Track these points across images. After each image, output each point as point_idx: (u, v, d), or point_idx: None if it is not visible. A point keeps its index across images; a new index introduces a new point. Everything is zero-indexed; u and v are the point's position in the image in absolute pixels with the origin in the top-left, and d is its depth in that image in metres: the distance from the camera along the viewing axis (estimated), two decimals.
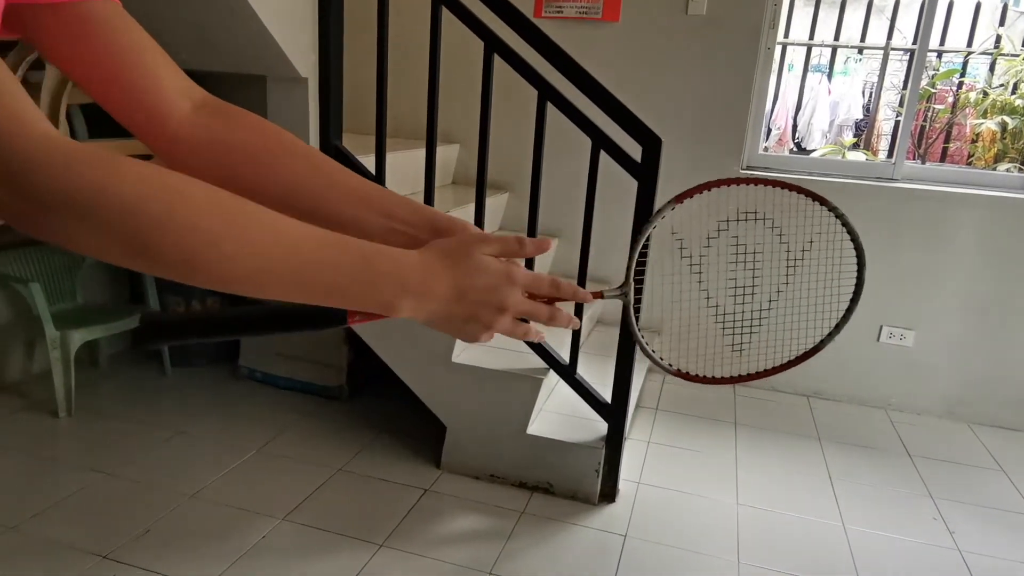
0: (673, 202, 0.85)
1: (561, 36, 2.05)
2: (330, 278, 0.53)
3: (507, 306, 0.60)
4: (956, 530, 2.09)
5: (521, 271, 0.61)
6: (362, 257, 0.54)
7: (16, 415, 2.40)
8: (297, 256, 0.52)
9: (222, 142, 0.68)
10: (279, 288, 0.52)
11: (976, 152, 4.43)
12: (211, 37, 2.01)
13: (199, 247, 0.48)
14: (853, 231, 0.84)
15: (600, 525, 2.00)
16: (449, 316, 0.59)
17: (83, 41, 0.60)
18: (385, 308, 0.56)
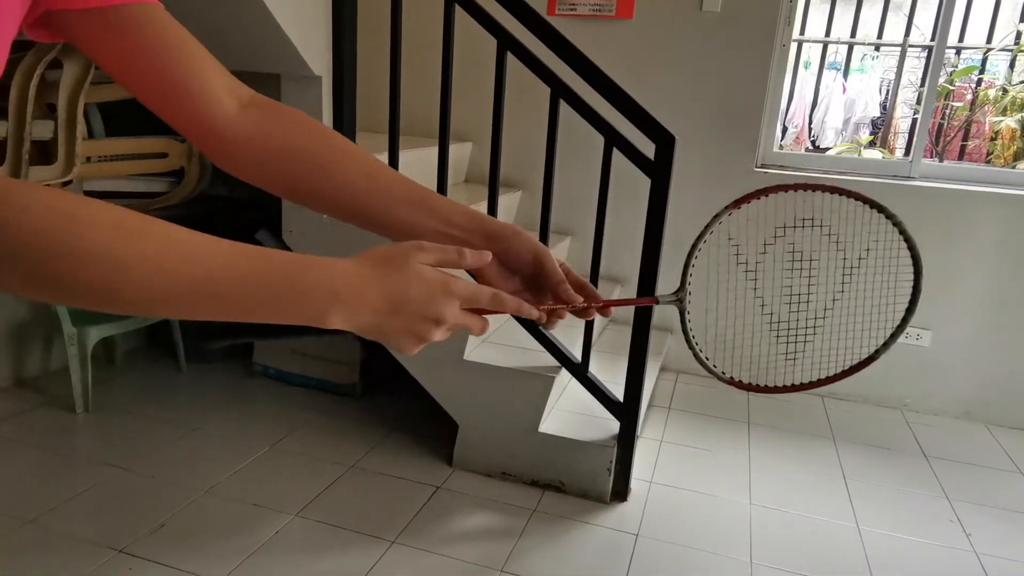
0: (730, 207, 0.84)
1: (574, 33, 2.05)
2: (254, 294, 0.52)
3: (443, 319, 0.58)
4: (973, 532, 2.07)
5: (460, 284, 0.59)
6: (286, 271, 0.53)
7: (34, 411, 2.44)
8: (216, 275, 0.50)
9: (270, 140, 0.68)
10: (202, 308, 0.51)
11: (995, 150, 4.38)
12: (226, 36, 2.02)
13: (109, 275, 0.46)
14: (910, 239, 0.82)
15: (612, 524, 1.99)
16: (382, 327, 0.57)
17: (128, 43, 0.60)
18: (315, 320, 0.55)
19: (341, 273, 0.55)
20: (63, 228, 0.44)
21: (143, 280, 0.47)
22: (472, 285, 0.61)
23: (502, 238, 0.70)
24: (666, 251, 1.95)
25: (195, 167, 2.46)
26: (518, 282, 0.73)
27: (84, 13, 0.58)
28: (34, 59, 1.99)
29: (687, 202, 2.89)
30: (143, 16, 0.60)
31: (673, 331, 3.08)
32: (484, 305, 0.62)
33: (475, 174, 3.15)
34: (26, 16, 0.55)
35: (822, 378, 0.86)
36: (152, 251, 0.48)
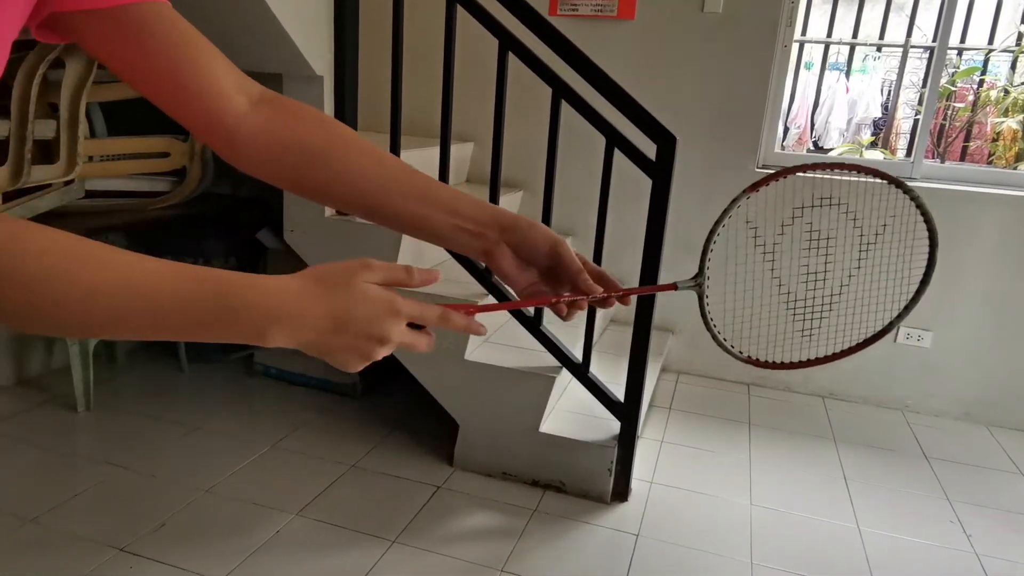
0: (748, 191, 0.84)
1: (576, 34, 2.05)
2: (188, 316, 0.51)
3: (388, 339, 0.58)
4: (973, 533, 2.07)
5: (406, 303, 0.59)
6: (220, 292, 0.52)
7: (36, 409, 2.44)
8: (150, 298, 0.50)
9: (281, 137, 0.68)
10: (140, 331, 0.51)
11: (997, 151, 4.37)
12: (229, 36, 2.02)
13: (40, 299, 0.46)
14: (927, 212, 0.84)
15: (612, 524, 1.99)
16: (325, 345, 0.57)
17: (135, 43, 0.60)
18: (256, 339, 0.54)
19: (280, 292, 0.55)
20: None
21: (75, 304, 0.47)
22: (419, 304, 0.60)
23: (517, 229, 0.70)
24: (667, 251, 1.95)
25: (197, 166, 2.47)
26: (535, 273, 0.72)
27: (91, 14, 0.58)
28: (36, 58, 1.99)
29: (688, 202, 2.89)
30: (151, 15, 0.60)
31: (675, 331, 3.09)
32: (431, 324, 0.61)
33: (477, 174, 3.15)
34: (31, 18, 0.56)
35: (836, 352, 0.87)
36: (86, 274, 0.48)
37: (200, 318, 0.52)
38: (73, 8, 0.57)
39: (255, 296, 0.53)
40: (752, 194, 0.85)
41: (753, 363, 0.87)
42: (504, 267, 0.71)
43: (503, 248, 0.70)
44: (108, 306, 0.49)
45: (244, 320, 0.53)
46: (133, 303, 0.49)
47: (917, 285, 0.86)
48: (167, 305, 0.51)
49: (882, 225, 1.17)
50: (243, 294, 0.53)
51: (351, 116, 2.15)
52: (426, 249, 2.26)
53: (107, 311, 0.49)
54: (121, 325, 0.50)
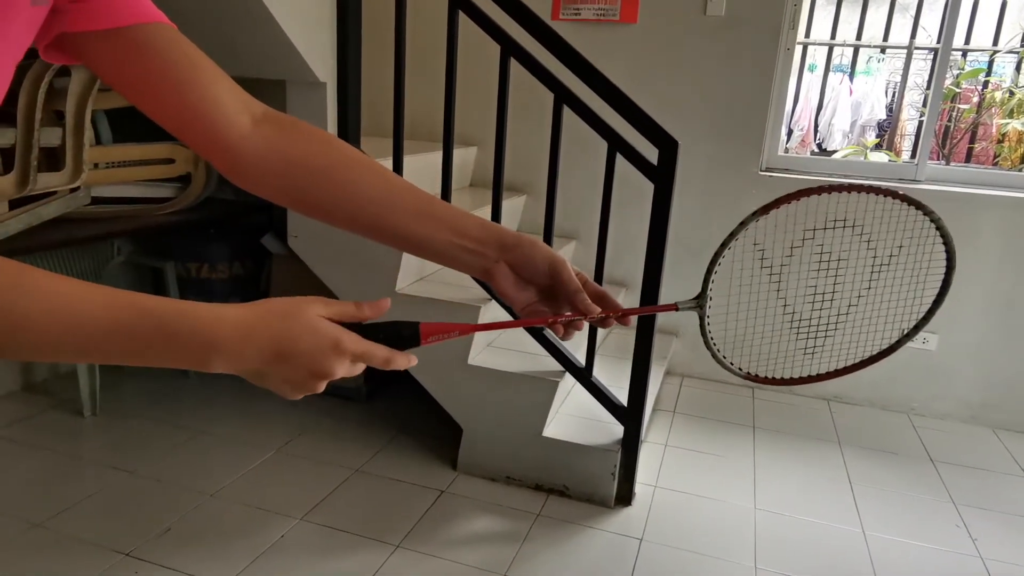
0: (759, 213, 0.83)
1: (579, 38, 2.05)
2: (123, 343, 0.52)
3: (330, 374, 0.58)
4: (979, 537, 2.06)
5: (352, 341, 0.59)
6: (156, 320, 0.53)
7: (43, 414, 2.45)
8: (78, 327, 0.51)
9: (284, 155, 0.68)
10: (78, 357, 0.53)
11: (1002, 152, 4.36)
12: (232, 43, 2.04)
13: None
14: (947, 234, 0.83)
15: (616, 528, 1.99)
16: (266, 375, 0.57)
17: (139, 63, 0.62)
18: (198, 365, 0.55)
19: (219, 320, 0.55)
20: None
21: (7, 332, 0.48)
22: (364, 345, 0.60)
23: (517, 248, 0.70)
24: (670, 254, 1.95)
25: (201, 172, 2.48)
26: (533, 293, 0.73)
27: (97, 35, 0.59)
28: (43, 66, 2.01)
29: (692, 205, 2.89)
30: (156, 36, 0.62)
31: (678, 334, 3.08)
32: (376, 365, 0.62)
33: (480, 178, 3.16)
34: (39, 39, 0.57)
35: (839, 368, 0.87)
36: (21, 303, 0.49)
37: (138, 346, 0.53)
38: (80, 29, 0.58)
39: (192, 324, 0.54)
40: (763, 216, 0.84)
41: (752, 379, 0.87)
42: (503, 286, 0.71)
43: (502, 267, 0.71)
44: (39, 336, 0.50)
45: (183, 347, 0.54)
46: (65, 333, 0.50)
47: (929, 305, 0.85)
48: (101, 334, 0.51)
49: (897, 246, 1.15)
50: (180, 322, 0.54)
51: (354, 121, 2.16)
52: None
53: (39, 341, 0.50)
54: (56, 353, 0.51)
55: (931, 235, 0.85)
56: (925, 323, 0.86)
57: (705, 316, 0.82)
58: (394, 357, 0.63)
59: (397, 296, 2.17)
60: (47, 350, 0.51)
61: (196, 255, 2.77)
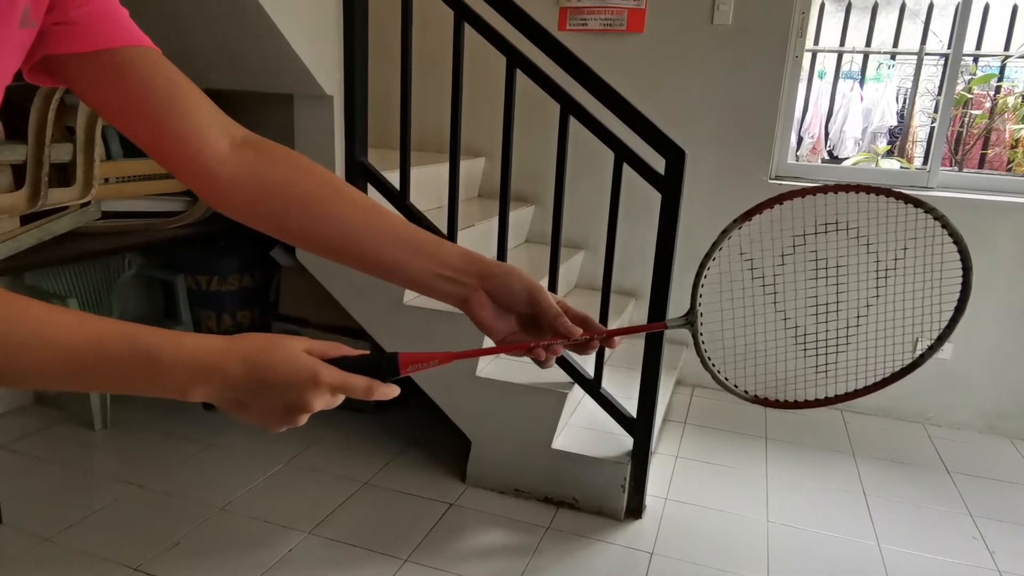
0: (740, 220, 0.80)
1: (585, 48, 2.05)
2: (105, 372, 0.53)
3: (309, 407, 0.58)
4: (996, 550, 2.02)
5: (330, 373, 0.59)
6: (137, 349, 0.53)
7: (54, 428, 2.47)
8: (66, 356, 0.51)
9: (261, 180, 0.68)
10: (55, 385, 0.53)
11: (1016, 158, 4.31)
12: (240, 57, 2.05)
13: None
14: (956, 232, 0.77)
15: (626, 541, 1.97)
16: (245, 406, 0.57)
17: (121, 86, 0.62)
18: (176, 394, 0.56)
19: (200, 350, 0.55)
20: None
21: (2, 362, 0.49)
22: (342, 376, 0.60)
23: (495, 276, 0.69)
24: (679, 263, 1.94)
25: None
26: (514, 321, 0.72)
27: (80, 57, 0.59)
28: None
29: (701, 214, 2.88)
30: (138, 59, 0.62)
31: (689, 345, 3.06)
32: (357, 395, 0.61)
33: (488, 189, 3.16)
34: (24, 61, 0.57)
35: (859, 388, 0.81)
36: (14, 333, 0.49)
37: (120, 375, 0.53)
38: (63, 51, 0.59)
39: (174, 354, 0.54)
40: (745, 223, 0.81)
41: (762, 403, 0.82)
42: (481, 315, 0.70)
43: (480, 295, 0.70)
44: (34, 365, 0.50)
45: (164, 377, 0.54)
46: (56, 362, 0.51)
47: (951, 312, 0.80)
48: (91, 362, 0.52)
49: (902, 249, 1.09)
50: (161, 352, 0.54)
51: (361, 135, 2.17)
52: None
53: (33, 369, 0.50)
54: (50, 381, 0.52)
55: (937, 234, 0.80)
56: (951, 330, 0.79)
57: (698, 333, 0.79)
58: (374, 386, 0.61)
59: (404, 308, 2.17)
60: (41, 379, 0.52)
61: (206, 268, 2.78)
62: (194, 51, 2.12)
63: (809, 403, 0.83)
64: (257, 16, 1.83)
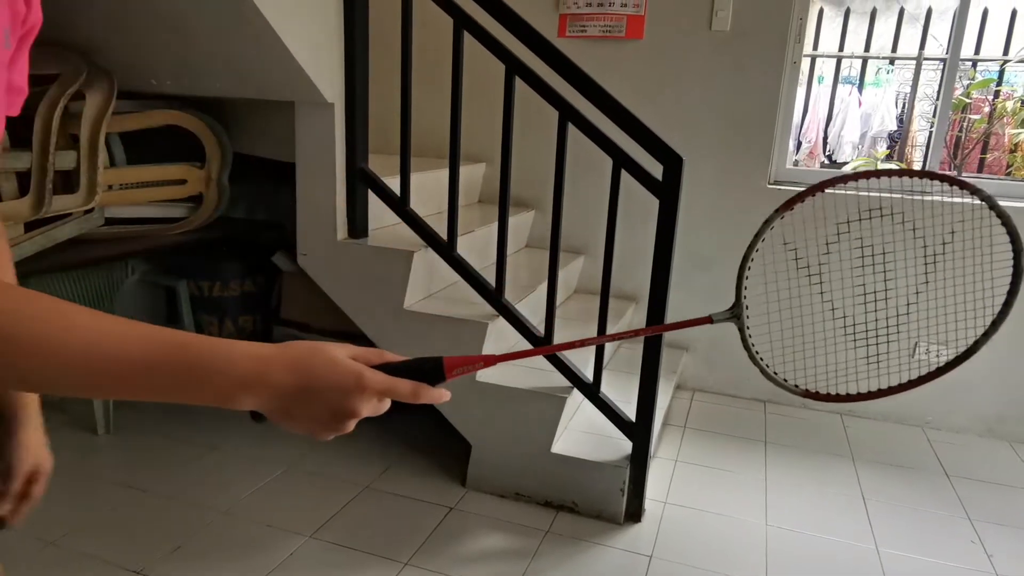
0: (781, 210, 0.78)
1: (585, 55, 2.07)
2: (155, 380, 0.53)
3: (356, 413, 0.59)
4: (995, 554, 2.03)
5: (375, 378, 0.59)
6: (187, 358, 0.53)
7: (57, 431, 2.48)
8: (115, 361, 0.51)
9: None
10: (102, 393, 0.53)
11: (1015, 162, 4.32)
12: (242, 66, 2.07)
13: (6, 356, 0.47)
14: (1004, 214, 0.76)
15: (625, 545, 1.98)
16: (293, 413, 0.57)
17: None
18: (224, 402, 0.56)
19: (248, 359, 0.55)
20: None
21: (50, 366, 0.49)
22: (388, 381, 0.60)
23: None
24: (678, 268, 1.96)
25: (213, 192, 2.52)
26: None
27: None
28: (58, 91, 2.05)
29: (700, 219, 2.89)
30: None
31: (688, 349, 3.07)
32: (403, 399, 0.62)
33: (489, 194, 3.18)
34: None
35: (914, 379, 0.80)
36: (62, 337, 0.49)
37: (169, 383, 0.53)
38: None
39: (223, 363, 0.55)
40: (786, 213, 0.80)
41: (813, 396, 0.81)
42: None
43: None
44: (81, 369, 0.50)
45: (212, 386, 0.55)
46: (101, 367, 0.51)
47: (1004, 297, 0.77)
48: (139, 369, 0.52)
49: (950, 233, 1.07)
50: (211, 361, 0.54)
51: (362, 142, 2.19)
52: (438, 270, 2.28)
53: (80, 374, 0.50)
54: (97, 388, 0.52)
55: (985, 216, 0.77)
56: (1004, 316, 0.76)
57: (745, 327, 0.77)
58: (420, 390, 0.62)
59: (405, 313, 2.19)
60: (89, 386, 0.51)
61: (208, 273, 2.80)
62: (199, 60, 2.14)
63: (862, 395, 0.81)
64: (260, 27, 1.85)
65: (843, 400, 0.81)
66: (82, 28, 2.18)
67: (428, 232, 2.18)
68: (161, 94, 2.36)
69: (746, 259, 0.78)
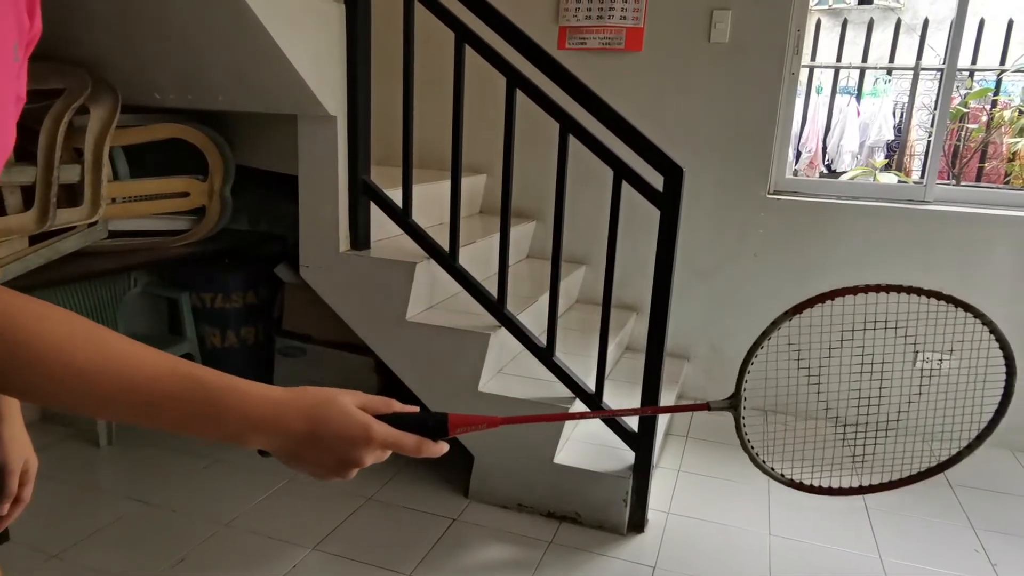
0: (791, 313, 0.80)
1: (584, 67, 2.09)
2: (171, 413, 0.54)
3: (360, 463, 0.61)
4: (999, 563, 2.02)
5: (381, 432, 0.62)
6: (205, 394, 0.55)
7: (60, 444, 2.48)
8: (136, 391, 0.52)
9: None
10: (123, 415, 0.53)
11: (1013, 171, 4.34)
12: (246, 80, 2.09)
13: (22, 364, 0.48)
14: (1003, 339, 0.80)
15: (628, 556, 1.98)
16: (301, 456, 0.59)
17: None
18: (235, 440, 0.57)
19: (263, 401, 0.57)
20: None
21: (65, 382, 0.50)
22: (394, 435, 0.63)
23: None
24: (679, 278, 1.96)
25: (216, 204, 2.53)
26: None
27: None
28: (63, 105, 2.07)
29: (700, 229, 2.91)
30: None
31: (690, 359, 3.08)
32: (407, 453, 0.64)
33: (490, 205, 3.19)
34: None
35: (895, 480, 0.83)
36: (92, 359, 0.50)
37: (181, 416, 0.55)
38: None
39: (238, 403, 0.56)
40: (796, 316, 0.82)
41: (797, 487, 0.84)
42: None
43: None
44: (95, 391, 0.51)
45: (225, 424, 0.56)
46: (116, 393, 0.52)
47: (991, 415, 0.82)
48: (156, 398, 0.53)
49: (948, 351, 1.10)
50: (227, 399, 0.56)
51: (364, 154, 2.20)
52: (440, 281, 2.29)
53: (92, 395, 0.51)
54: (103, 410, 0.53)
55: (984, 339, 0.81)
56: (990, 432, 0.81)
57: (741, 417, 0.80)
58: (424, 445, 0.65)
59: (407, 324, 2.19)
60: (106, 408, 0.53)
61: (211, 285, 2.81)
62: (203, 74, 2.16)
63: (844, 490, 0.85)
64: (263, 41, 1.87)
65: (824, 493, 0.85)
66: (86, 43, 2.20)
67: (430, 243, 2.19)
68: (165, 108, 2.38)
69: (750, 355, 0.81)
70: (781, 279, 2.88)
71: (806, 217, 2.83)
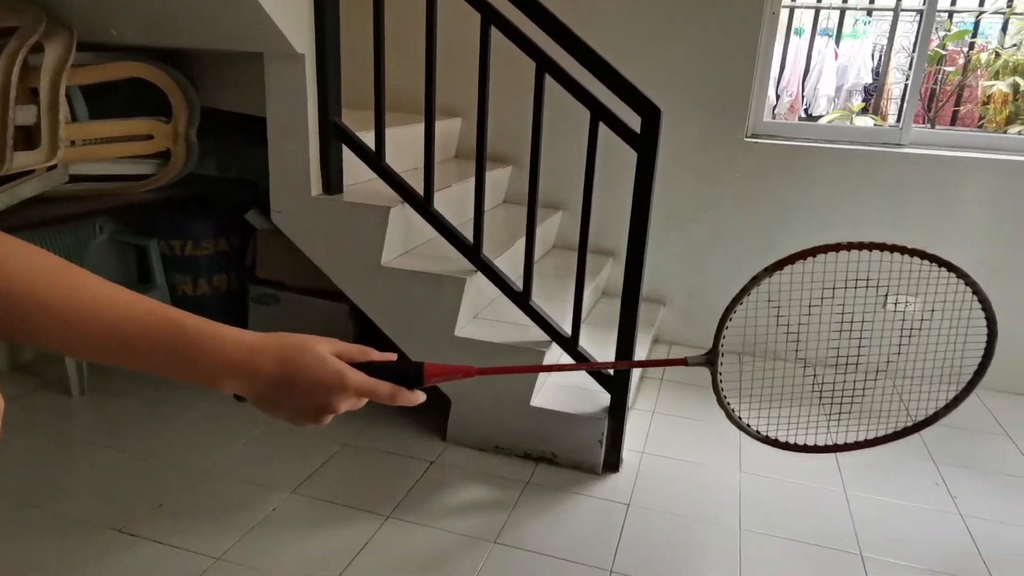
0: (772, 269, 0.80)
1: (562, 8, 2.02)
2: (144, 355, 0.54)
3: (334, 409, 0.62)
4: (958, 495, 2.11)
5: (356, 379, 0.62)
6: (181, 338, 0.55)
7: (31, 395, 2.45)
8: (119, 331, 0.52)
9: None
10: (101, 356, 0.53)
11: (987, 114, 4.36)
12: (208, 16, 2.00)
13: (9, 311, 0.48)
14: (985, 299, 0.79)
15: (603, 494, 2.03)
16: (275, 401, 0.60)
17: None
18: (209, 383, 0.58)
19: (238, 345, 0.57)
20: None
21: (41, 319, 0.50)
22: (369, 382, 0.63)
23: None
24: (657, 224, 1.96)
25: (181, 148, 2.45)
26: None
27: None
28: (17, 43, 1.97)
29: (678, 174, 2.89)
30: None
31: (665, 303, 3.10)
32: (381, 401, 0.65)
33: (465, 149, 3.14)
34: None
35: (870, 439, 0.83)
36: (69, 297, 0.50)
37: (158, 358, 0.55)
38: None
39: (213, 346, 0.56)
40: (776, 272, 0.81)
41: (771, 443, 0.84)
42: None
43: None
44: (71, 331, 0.51)
45: (200, 367, 0.56)
46: (94, 333, 0.52)
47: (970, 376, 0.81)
48: (126, 341, 0.53)
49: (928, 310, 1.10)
50: (202, 343, 0.56)
51: (334, 95, 2.14)
52: (414, 226, 2.26)
53: (69, 335, 0.51)
54: (82, 350, 0.53)
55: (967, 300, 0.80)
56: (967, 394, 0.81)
57: (717, 373, 0.81)
58: (399, 393, 0.65)
59: (382, 270, 2.17)
60: (84, 348, 0.53)
61: (180, 232, 2.75)
62: (163, 11, 2.06)
63: (817, 448, 0.86)
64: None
65: (798, 450, 0.86)
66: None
67: (404, 188, 2.15)
68: (125, 46, 2.28)
69: (728, 311, 0.81)
70: (758, 223, 2.89)
71: (783, 160, 2.83)
